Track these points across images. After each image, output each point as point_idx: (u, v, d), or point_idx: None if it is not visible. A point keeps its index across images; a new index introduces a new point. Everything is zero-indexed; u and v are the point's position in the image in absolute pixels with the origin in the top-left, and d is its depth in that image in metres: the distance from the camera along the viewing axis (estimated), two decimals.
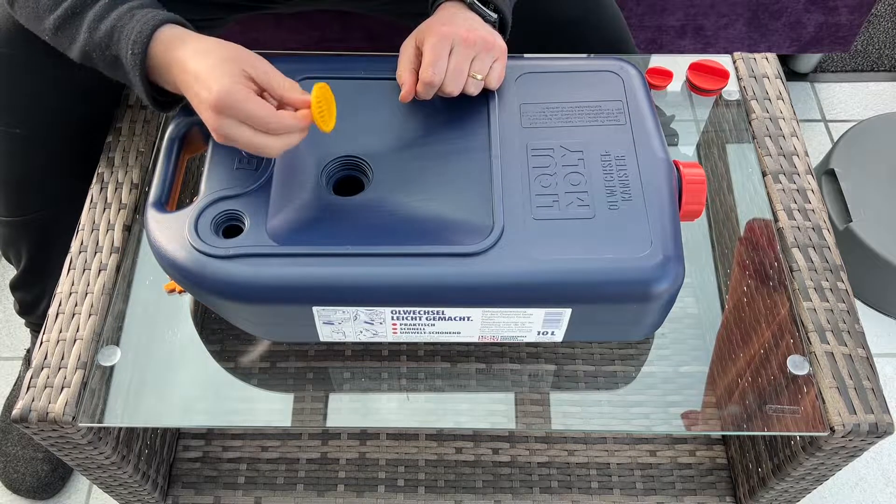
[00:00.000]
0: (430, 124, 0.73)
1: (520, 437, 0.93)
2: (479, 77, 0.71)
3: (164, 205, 0.67)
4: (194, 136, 0.72)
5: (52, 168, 0.86)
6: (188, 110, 0.71)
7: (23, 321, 1.15)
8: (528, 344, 0.75)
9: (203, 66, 0.63)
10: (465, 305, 0.64)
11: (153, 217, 0.66)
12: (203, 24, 0.93)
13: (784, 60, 1.57)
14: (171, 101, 0.70)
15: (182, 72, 0.65)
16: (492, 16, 0.74)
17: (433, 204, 0.68)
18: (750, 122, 0.85)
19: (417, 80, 0.71)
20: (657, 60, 0.91)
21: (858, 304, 1.27)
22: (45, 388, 0.67)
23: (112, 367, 0.70)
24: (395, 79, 0.73)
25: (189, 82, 0.64)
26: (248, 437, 0.94)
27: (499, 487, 0.90)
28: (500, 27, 0.76)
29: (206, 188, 0.67)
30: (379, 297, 0.64)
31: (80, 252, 0.74)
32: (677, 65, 0.89)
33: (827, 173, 1.29)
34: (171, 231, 0.65)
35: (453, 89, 0.70)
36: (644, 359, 0.75)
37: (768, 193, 0.80)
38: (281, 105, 0.65)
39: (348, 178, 0.71)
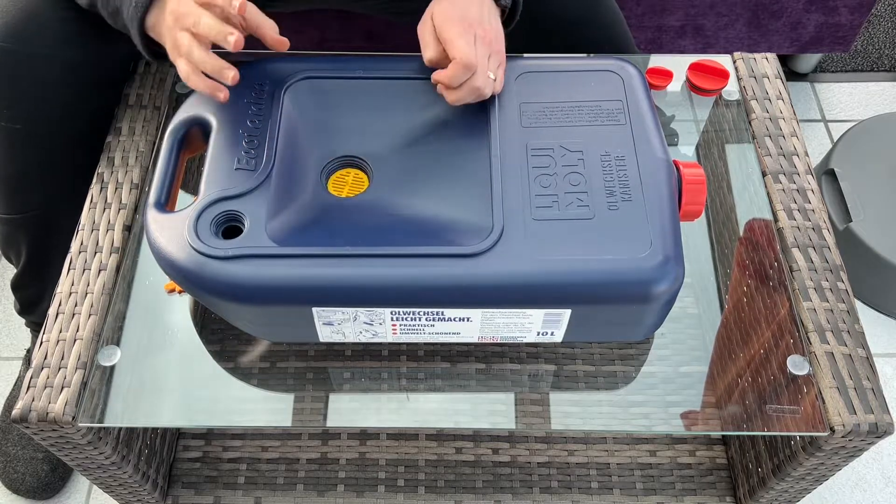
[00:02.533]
0: (429, 124, 0.73)
1: (520, 437, 0.93)
2: (493, 77, 0.71)
3: (163, 205, 0.67)
4: (194, 136, 0.72)
5: (51, 165, 0.85)
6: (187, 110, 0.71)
7: (23, 321, 1.15)
8: (528, 344, 0.75)
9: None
10: (464, 306, 0.64)
11: (153, 217, 0.66)
12: None
13: (784, 60, 1.56)
14: (165, 54, 0.72)
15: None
16: (506, 1, 0.73)
17: (433, 204, 0.68)
18: (750, 122, 0.85)
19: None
20: (657, 60, 0.91)
21: (858, 304, 1.27)
22: (45, 388, 0.67)
23: (112, 367, 0.70)
24: (395, 78, 0.73)
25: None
26: (248, 437, 0.94)
27: (499, 487, 0.90)
28: (510, 14, 0.75)
29: (206, 188, 0.67)
30: (378, 297, 0.64)
31: (80, 252, 0.74)
32: (677, 65, 0.89)
33: (827, 173, 1.29)
34: (170, 231, 0.65)
35: (478, 83, 0.69)
36: (644, 359, 0.75)
37: (768, 193, 0.80)
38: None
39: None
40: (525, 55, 0.79)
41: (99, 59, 0.81)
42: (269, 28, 0.70)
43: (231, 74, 0.67)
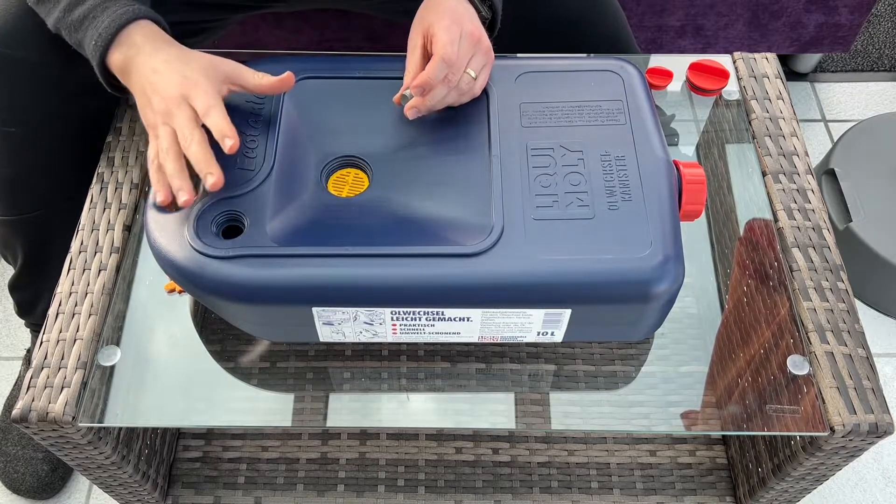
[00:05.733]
0: (429, 124, 0.73)
1: (520, 437, 0.93)
2: (474, 75, 0.71)
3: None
4: None
5: (48, 167, 0.85)
6: None
7: (23, 321, 1.15)
8: (528, 344, 0.75)
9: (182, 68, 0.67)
10: (464, 306, 0.64)
11: (153, 217, 0.66)
12: (205, 27, 0.93)
13: (784, 60, 1.57)
14: (123, 87, 0.73)
15: (150, 73, 0.68)
16: (486, 13, 0.74)
17: (433, 204, 0.68)
18: (750, 122, 0.85)
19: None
20: (657, 60, 0.91)
21: (858, 304, 1.27)
22: (45, 388, 0.67)
23: (112, 367, 0.70)
24: (395, 78, 0.73)
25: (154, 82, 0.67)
26: (248, 437, 0.94)
27: (499, 487, 0.90)
28: (490, 25, 0.76)
29: (206, 188, 0.67)
30: (378, 297, 0.64)
31: (80, 252, 0.74)
32: (677, 65, 0.89)
33: (827, 173, 1.29)
34: (170, 231, 0.65)
35: (453, 78, 0.70)
36: (644, 359, 0.75)
37: (768, 193, 0.80)
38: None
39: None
40: (525, 55, 0.79)
41: None
42: (254, 81, 0.70)
43: (183, 199, 0.64)
